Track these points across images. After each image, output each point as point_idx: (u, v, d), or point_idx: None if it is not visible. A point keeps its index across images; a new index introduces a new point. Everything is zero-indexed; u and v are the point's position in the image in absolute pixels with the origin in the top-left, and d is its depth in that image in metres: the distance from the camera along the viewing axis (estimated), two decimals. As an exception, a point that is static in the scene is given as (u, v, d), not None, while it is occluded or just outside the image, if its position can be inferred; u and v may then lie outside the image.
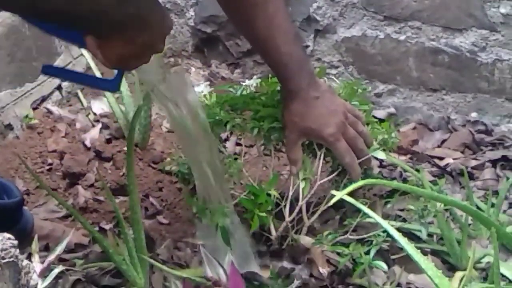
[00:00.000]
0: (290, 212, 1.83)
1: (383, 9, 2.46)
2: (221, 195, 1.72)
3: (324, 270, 1.83)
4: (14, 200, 1.81)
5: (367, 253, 1.75)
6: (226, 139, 2.28)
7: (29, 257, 1.41)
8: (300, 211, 1.84)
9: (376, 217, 1.47)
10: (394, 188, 1.81)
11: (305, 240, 1.89)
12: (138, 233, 1.69)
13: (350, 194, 1.49)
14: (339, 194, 1.41)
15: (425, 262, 1.42)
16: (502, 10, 2.33)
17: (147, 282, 1.70)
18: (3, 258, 0.99)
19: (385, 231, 1.77)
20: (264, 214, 1.81)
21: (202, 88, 1.92)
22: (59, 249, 1.35)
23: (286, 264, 1.86)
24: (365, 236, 1.82)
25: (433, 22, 2.42)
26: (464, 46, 2.41)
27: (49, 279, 1.32)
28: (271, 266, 1.84)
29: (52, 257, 1.30)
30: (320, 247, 1.83)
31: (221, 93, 1.93)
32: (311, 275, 1.85)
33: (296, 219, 1.85)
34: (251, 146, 2.12)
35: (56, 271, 1.37)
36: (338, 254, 1.81)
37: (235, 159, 1.85)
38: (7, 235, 1.01)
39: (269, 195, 1.79)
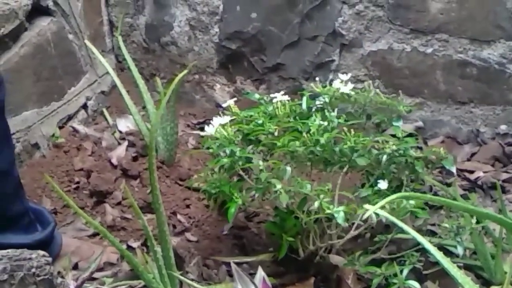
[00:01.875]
0: (320, 232, 1.81)
1: (409, 22, 2.44)
2: None
3: (356, 291, 1.81)
4: (49, 231, 1.81)
5: (400, 271, 1.72)
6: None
7: (58, 275, 1.40)
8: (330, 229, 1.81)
9: (412, 233, 1.44)
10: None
11: (335, 259, 1.87)
12: (167, 250, 1.68)
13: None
14: (373, 208, 1.38)
15: (462, 277, 1.39)
16: (531, 21, 2.31)
17: (177, 300, 1.68)
18: (38, 275, 0.98)
19: (418, 249, 1.75)
20: (292, 239, 1.78)
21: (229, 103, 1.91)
22: (93, 266, 1.33)
23: (315, 282, 1.84)
24: (397, 255, 1.79)
25: (460, 34, 2.40)
26: (493, 58, 2.38)
27: (82, 297, 1.30)
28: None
29: (86, 274, 1.29)
30: (352, 267, 1.81)
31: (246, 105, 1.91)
32: (341, 293, 1.83)
33: (326, 238, 1.82)
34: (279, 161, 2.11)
35: (90, 288, 1.35)
36: (371, 273, 1.78)
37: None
38: (41, 252, 1.00)
39: (297, 217, 1.76)
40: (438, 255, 1.41)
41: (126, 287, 1.73)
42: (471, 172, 2.32)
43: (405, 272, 1.73)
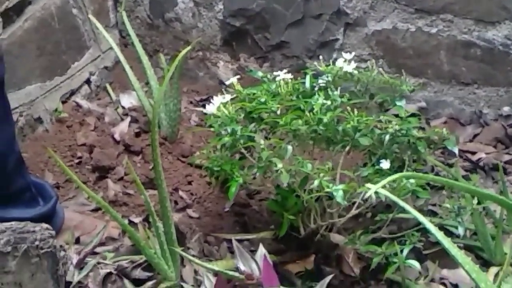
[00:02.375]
0: (321, 211, 1.81)
1: (414, 2, 2.43)
2: None
3: (356, 269, 1.82)
4: (51, 204, 1.81)
5: (401, 250, 1.73)
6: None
7: (61, 249, 1.41)
8: (331, 208, 1.81)
9: (413, 212, 1.44)
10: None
11: (336, 238, 1.88)
12: (169, 226, 1.69)
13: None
14: (374, 187, 1.38)
15: (462, 257, 1.39)
16: (536, 2, 2.30)
17: (178, 276, 1.69)
18: (42, 248, 0.98)
19: (419, 229, 1.75)
20: (293, 217, 1.79)
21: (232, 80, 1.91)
22: (96, 240, 1.34)
23: (315, 260, 1.85)
24: (398, 235, 1.80)
25: (465, 14, 2.39)
26: (497, 39, 2.37)
27: (85, 271, 1.31)
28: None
29: (88, 248, 1.29)
30: (353, 246, 1.82)
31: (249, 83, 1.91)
32: (341, 271, 1.83)
33: (327, 217, 1.83)
34: (281, 140, 2.11)
35: (92, 262, 1.36)
36: (371, 252, 1.79)
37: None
38: (45, 225, 1.01)
39: (298, 196, 1.77)
40: (439, 235, 1.42)
41: (127, 262, 1.74)
42: (473, 153, 2.32)
43: (405, 251, 1.74)
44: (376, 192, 1.57)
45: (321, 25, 2.55)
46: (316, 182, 1.68)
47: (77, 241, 1.79)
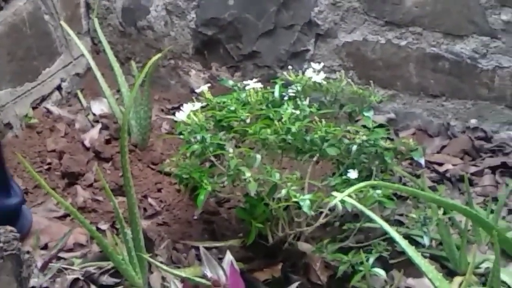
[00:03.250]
0: (289, 220, 1.83)
1: (384, 14, 2.46)
2: None
3: (323, 277, 1.83)
4: (15, 201, 1.81)
5: (367, 259, 1.75)
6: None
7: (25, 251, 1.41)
8: (299, 217, 1.83)
9: (378, 220, 1.46)
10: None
11: (303, 246, 1.89)
12: (137, 233, 1.69)
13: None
14: (340, 196, 1.40)
15: (426, 265, 1.42)
16: (503, 17, 2.33)
17: (145, 282, 1.69)
18: (5, 250, 0.98)
19: (385, 238, 1.77)
20: (261, 225, 1.80)
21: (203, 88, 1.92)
22: (60, 244, 1.34)
23: (283, 268, 1.86)
24: (365, 244, 1.82)
25: (434, 28, 2.42)
26: (465, 52, 2.41)
27: (49, 274, 1.31)
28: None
29: (53, 252, 1.29)
30: (320, 255, 1.83)
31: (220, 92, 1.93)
32: (308, 279, 1.85)
33: (295, 225, 1.84)
34: (251, 148, 2.12)
35: (56, 266, 1.36)
36: (338, 260, 1.81)
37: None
38: (9, 227, 1.01)
39: (266, 204, 1.78)
40: (403, 244, 1.45)
41: (95, 268, 1.74)
42: (441, 164, 2.35)
43: (371, 260, 1.76)
44: (343, 202, 1.60)
45: (292, 36, 2.58)
46: (284, 192, 1.69)
47: (45, 247, 1.79)
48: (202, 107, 1.88)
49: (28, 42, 2.43)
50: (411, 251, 1.42)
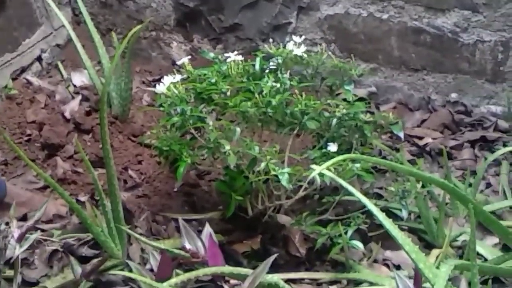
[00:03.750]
0: (268, 193, 1.83)
1: (367, -12, 2.46)
2: None
3: (302, 250, 1.84)
4: None
5: (345, 231, 1.76)
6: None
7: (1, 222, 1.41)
8: (279, 190, 1.83)
9: (356, 193, 1.47)
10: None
11: (283, 219, 1.90)
12: (116, 204, 1.69)
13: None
14: (318, 169, 1.41)
15: (403, 238, 1.43)
16: (485, -9, 2.34)
17: (124, 253, 1.70)
18: (-20, 221, 0.98)
19: (364, 211, 1.79)
20: (241, 198, 1.80)
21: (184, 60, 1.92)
22: (37, 215, 1.34)
23: (262, 240, 1.87)
24: (344, 217, 1.83)
25: (416, 1, 2.42)
26: (446, 26, 2.41)
27: (26, 245, 1.31)
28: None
29: (30, 223, 1.29)
30: (299, 227, 1.84)
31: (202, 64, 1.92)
32: (287, 252, 1.86)
33: (274, 198, 1.85)
34: (232, 122, 2.12)
35: (33, 236, 1.36)
36: (316, 233, 1.82)
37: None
38: (-16, 198, 1.00)
39: (246, 177, 1.78)
40: (381, 216, 1.46)
41: (74, 240, 1.74)
42: (421, 138, 2.37)
43: (350, 232, 1.77)
44: (322, 175, 1.61)
45: (274, 8, 2.57)
46: (263, 165, 1.69)
47: (25, 218, 1.79)
48: (183, 79, 1.88)
49: (8, 12, 2.41)
50: (388, 223, 1.43)
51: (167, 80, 1.83)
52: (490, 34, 2.38)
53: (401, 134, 1.89)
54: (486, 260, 1.79)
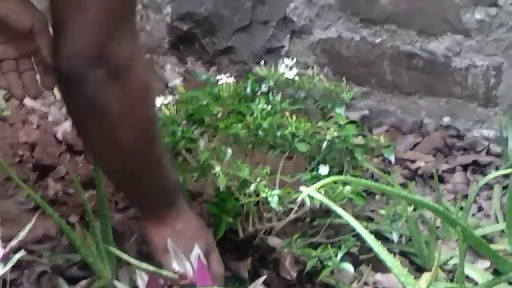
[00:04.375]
0: (259, 215, 1.83)
1: (360, 12, 2.47)
2: None
3: (293, 272, 1.83)
4: None
5: (335, 254, 1.76)
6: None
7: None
8: (270, 212, 1.83)
9: (346, 216, 1.47)
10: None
11: (273, 241, 1.90)
12: (106, 226, 1.69)
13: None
14: (307, 190, 1.41)
15: (392, 261, 1.43)
16: (477, 16, 2.35)
17: (114, 275, 1.69)
18: (-37, 240, 0.98)
19: (355, 234, 1.78)
20: (231, 220, 1.80)
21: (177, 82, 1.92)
22: (22, 235, 1.34)
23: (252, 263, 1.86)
24: (335, 240, 1.83)
25: (408, 26, 2.44)
26: (439, 50, 2.43)
27: (9, 265, 1.31)
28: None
29: (14, 242, 1.29)
30: (290, 250, 1.84)
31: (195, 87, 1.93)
32: (277, 274, 1.85)
33: (265, 220, 1.85)
34: (223, 143, 2.12)
35: (17, 256, 1.36)
36: (307, 255, 1.81)
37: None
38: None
39: (237, 199, 1.78)
40: (370, 239, 1.45)
41: (63, 261, 1.73)
42: (413, 161, 2.37)
43: (340, 255, 1.76)
44: (312, 198, 1.61)
45: (267, 32, 2.58)
46: (252, 187, 1.69)
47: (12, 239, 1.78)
48: (175, 101, 1.88)
49: (2, 33, 2.41)
50: (377, 246, 1.43)
51: (159, 101, 1.83)
52: (482, 59, 2.39)
53: (392, 158, 1.90)
54: (477, 284, 1.79)
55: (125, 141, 1.38)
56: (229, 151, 1.75)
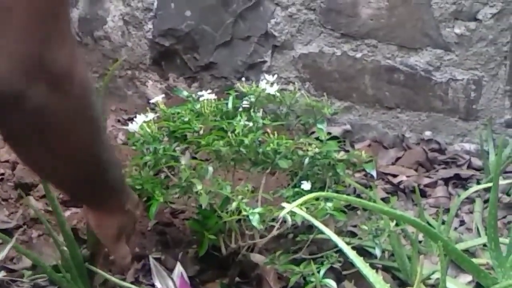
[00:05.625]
0: (242, 231, 1.82)
1: (340, 27, 2.48)
2: None
3: (275, 288, 1.83)
4: None
5: (318, 270, 1.75)
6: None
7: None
8: (252, 230, 1.82)
9: (328, 232, 1.47)
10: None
11: (256, 257, 1.89)
12: (89, 244, 1.68)
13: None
14: (289, 207, 1.41)
15: (374, 276, 1.42)
16: (457, 30, 2.37)
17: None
18: None
19: (338, 250, 1.78)
20: (214, 237, 1.80)
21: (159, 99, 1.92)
22: (2, 254, 1.33)
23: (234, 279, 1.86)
24: (318, 256, 1.83)
25: (389, 40, 2.45)
26: (419, 65, 2.44)
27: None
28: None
29: (-6, 263, 1.28)
30: (273, 266, 1.83)
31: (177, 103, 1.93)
32: (260, 291, 1.85)
33: (247, 237, 1.84)
34: (206, 160, 2.12)
35: (-3, 278, 1.35)
36: (290, 271, 1.81)
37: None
38: None
39: (220, 217, 1.78)
40: (351, 254, 1.45)
41: (44, 280, 1.72)
42: (395, 176, 2.37)
43: (323, 271, 1.76)
44: (294, 214, 1.61)
45: (249, 47, 2.59)
46: (234, 205, 1.69)
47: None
48: (158, 118, 1.88)
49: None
50: (358, 261, 1.43)
51: (140, 118, 1.83)
52: (462, 73, 2.40)
53: (374, 173, 1.90)
54: (459, 298, 1.79)
55: (77, 148, 1.25)
56: (211, 168, 1.74)
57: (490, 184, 1.98)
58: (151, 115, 1.85)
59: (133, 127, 1.84)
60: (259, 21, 2.55)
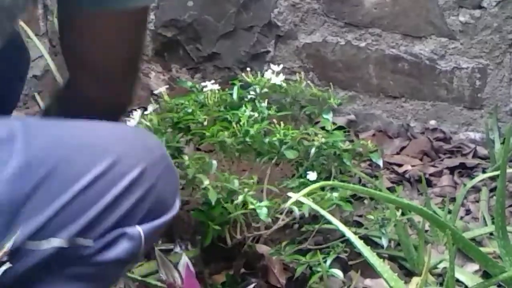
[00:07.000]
0: (247, 223, 1.82)
1: (344, 16, 2.47)
2: None
3: (282, 280, 1.82)
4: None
5: (324, 260, 1.75)
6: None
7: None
8: (257, 222, 1.82)
9: (335, 222, 1.46)
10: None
11: (262, 248, 1.89)
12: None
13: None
14: (295, 197, 1.40)
15: (381, 265, 1.42)
16: (461, 19, 2.35)
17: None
18: None
19: (344, 240, 1.77)
20: (218, 228, 1.79)
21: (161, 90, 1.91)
22: (8, 245, 1.31)
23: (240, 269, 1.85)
24: (324, 246, 1.82)
25: (393, 29, 2.44)
26: (424, 53, 2.43)
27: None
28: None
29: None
30: (278, 257, 1.83)
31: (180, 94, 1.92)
32: (266, 281, 1.84)
33: (253, 228, 1.83)
34: (210, 151, 2.11)
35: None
36: (296, 262, 1.80)
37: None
38: None
39: (225, 208, 1.77)
40: (359, 244, 1.45)
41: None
42: (400, 165, 2.37)
43: (329, 261, 1.75)
44: (300, 205, 1.61)
45: (252, 37, 2.57)
46: (240, 198, 1.68)
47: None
48: (161, 109, 1.87)
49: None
50: (366, 251, 1.42)
51: (136, 115, 1.82)
52: (467, 61, 2.39)
53: (380, 162, 1.89)
54: (466, 287, 1.78)
55: None
56: (215, 162, 1.73)
57: (496, 173, 1.98)
58: (150, 108, 1.84)
59: (131, 123, 1.83)
60: (262, 10, 2.54)
